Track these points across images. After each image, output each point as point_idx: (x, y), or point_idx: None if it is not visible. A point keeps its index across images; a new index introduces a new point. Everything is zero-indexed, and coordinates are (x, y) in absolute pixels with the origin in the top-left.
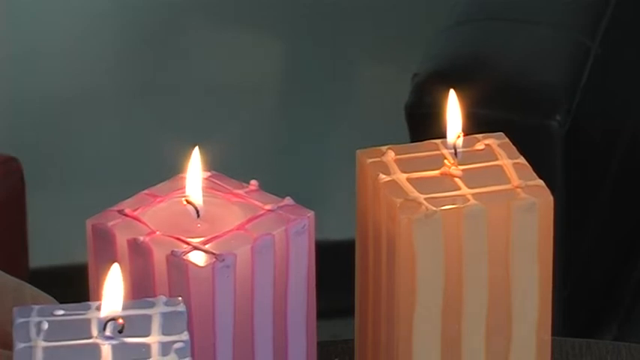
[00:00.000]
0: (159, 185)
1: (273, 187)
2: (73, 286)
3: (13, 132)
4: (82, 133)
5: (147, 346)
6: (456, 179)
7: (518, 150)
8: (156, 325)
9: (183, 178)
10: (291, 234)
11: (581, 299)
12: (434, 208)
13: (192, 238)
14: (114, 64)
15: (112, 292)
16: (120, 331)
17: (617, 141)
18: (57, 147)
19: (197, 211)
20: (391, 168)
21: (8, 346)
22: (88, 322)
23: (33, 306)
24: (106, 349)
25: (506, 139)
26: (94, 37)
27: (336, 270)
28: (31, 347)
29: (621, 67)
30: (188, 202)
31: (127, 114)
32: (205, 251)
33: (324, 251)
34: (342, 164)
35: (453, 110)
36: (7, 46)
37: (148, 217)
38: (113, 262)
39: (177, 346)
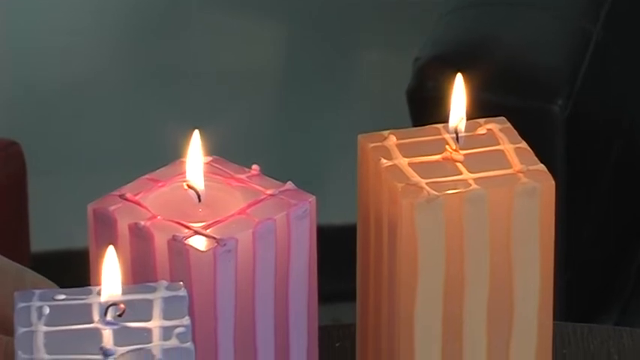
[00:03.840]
0: (160, 170)
1: (274, 171)
2: (73, 270)
3: (15, 117)
4: (83, 118)
5: (148, 331)
6: (458, 164)
7: (520, 135)
8: (157, 309)
9: (185, 163)
10: (293, 219)
11: (582, 284)
12: (435, 193)
13: (194, 222)
14: (116, 49)
15: (113, 276)
16: (120, 316)
17: (619, 126)
18: (58, 131)
19: (198, 196)
20: (393, 153)
21: (9, 331)
22: (89, 306)
23: (34, 290)
24: (107, 334)
25: (508, 124)
26: (96, 23)
27: (338, 254)
28: (32, 332)
29: (623, 52)
30: (189, 186)
31: (128, 99)
32: (207, 236)
33: (326, 236)
34: (343, 149)
35: (457, 94)
36: (9, 32)
37: (149, 201)
38: (111, 246)
39: (178, 330)
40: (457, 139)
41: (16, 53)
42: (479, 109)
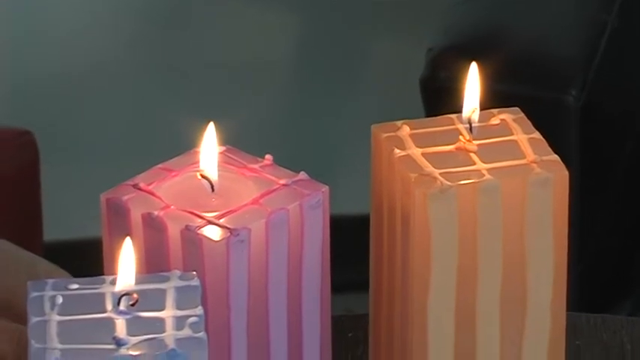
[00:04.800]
0: (173, 159)
1: (287, 161)
2: (87, 260)
3: (28, 106)
4: (97, 107)
5: (161, 321)
6: (471, 154)
7: (534, 125)
8: (170, 299)
9: (198, 153)
10: (306, 208)
11: (595, 274)
12: (449, 183)
13: (207, 212)
14: (129, 38)
15: (126, 266)
16: (133, 305)
17: (633, 116)
18: (72, 121)
19: (212, 186)
20: (406, 143)
21: (23, 320)
22: (102, 296)
23: (47, 280)
24: (120, 324)
25: (522, 114)
26: (109, 12)
27: (351, 244)
28: (45, 321)
29: (638, 42)
30: (203, 176)
31: (142, 88)
32: (220, 226)
33: (339, 226)
34: (357, 139)
35: (471, 84)
36: (22, 21)
37: (162, 191)
38: (127, 237)
39: (191, 320)
40: (470, 129)
41: (30, 44)
42: (492, 100)
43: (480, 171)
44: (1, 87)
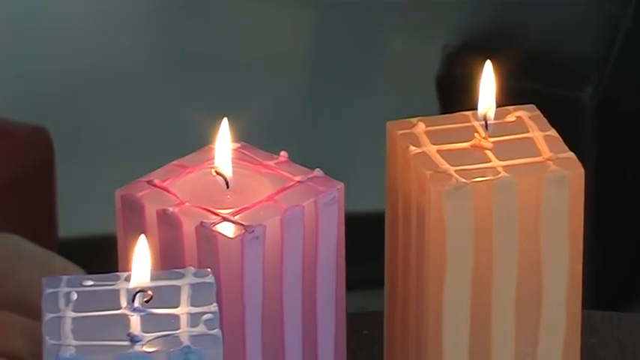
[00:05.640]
0: (188, 156)
1: (302, 158)
2: (101, 256)
3: (43, 102)
4: (112, 104)
5: (176, 318)
6: (487, 151)
7: (549, 122)
8: (185, 296)
9: (213, 149)
10: (321, 205)
11: (611, 272)
12: (464, 180)
13: (222, 209)
14: (144, 34)
15: (141, 263)
16: (147, 302)
17: None
18: (87, 117)
19: (226, 182)
20: (421, 140)
21: (37, 316)
22: (117, 292)
23: (62, 276)
24: (135, 320)
25: (537, 111)
26: (124, 8)
27: (366, 242)
28: (59, 318)
29: None
30: (217, 173)
31: (156, 85)
32: (235, 222)
33: (354, 223)
34: (372, 136)
35: (486, 81)
36: (39, 17)
37: (177, 187)
38: (142, 233)
39: (206, 317)
40: (486, 126)
41: (45, 40)
42: (508, 97)
43: (495, 168)
44: (16, 83)
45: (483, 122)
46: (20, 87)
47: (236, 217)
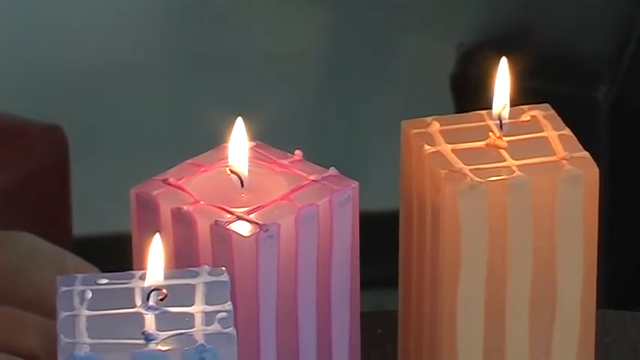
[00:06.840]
0: (203, 155)
1: (317, 157)
2: (116, 255)
3: (58, 100)
4: (127, 102)
5: (190, 316)
6: (501, 150)
7: (564, 121)
8: (199, 294)
9: (228, 148)
10: (335, 204)
11: (625, 271)
12: (479, 180)
13: (236, 207)
14: (159, 33)
15: (156, 261)
16: (162, 300)
17: None
18: (101, 116)
19: (241, 181)
20: (436, 139)
21: (52, 314)
22: (131, 291)
23: (76, 275)
24: (150, 319)
25: (552, 111)
26: (140, 6)
27: (380, 241)
28: (74, 316)
29: None
30: (232, 171)
31: (172, 83)
32: (249, 221)
33: (368, 222)
34: (386, 135)
35: (501, 81)
36: (54, 15)
37: (192, 186)
38: (157, 232)
39: (220, 316)
40: (501, 125)
41: (62, 38)
42: (522, 96)
43: (510, 167)
44: (31, 81)
45: (498, 121)
46: (35, 85)
47: (251, 216)
